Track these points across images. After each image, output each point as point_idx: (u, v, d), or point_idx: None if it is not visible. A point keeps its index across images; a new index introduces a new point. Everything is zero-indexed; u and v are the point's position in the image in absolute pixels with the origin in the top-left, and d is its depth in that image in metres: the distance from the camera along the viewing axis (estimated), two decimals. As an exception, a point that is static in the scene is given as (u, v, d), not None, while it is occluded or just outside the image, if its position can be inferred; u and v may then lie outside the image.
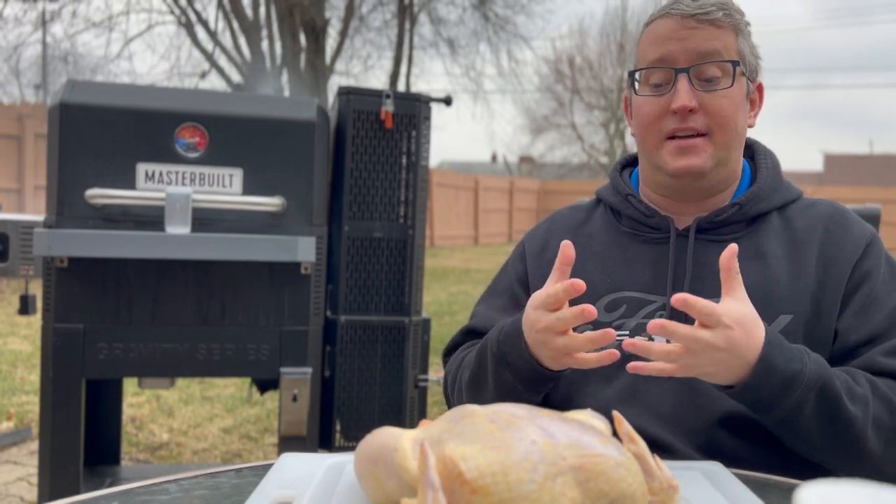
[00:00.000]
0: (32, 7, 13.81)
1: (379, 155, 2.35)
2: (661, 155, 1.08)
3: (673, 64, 1.06)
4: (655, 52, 1.07)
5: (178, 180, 2.12)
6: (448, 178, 18.44)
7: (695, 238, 1.09)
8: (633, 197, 1.15)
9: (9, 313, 6.81)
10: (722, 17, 1.05)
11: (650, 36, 1.09)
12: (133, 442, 3.55)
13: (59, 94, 2.08)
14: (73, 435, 2.08)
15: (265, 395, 2.92)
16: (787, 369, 0.90)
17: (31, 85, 23.62)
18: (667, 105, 1.06)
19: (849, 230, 1.08)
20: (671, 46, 1.05)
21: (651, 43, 1.09)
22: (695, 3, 1.05)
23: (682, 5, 1.06)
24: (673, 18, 1.06)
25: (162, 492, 0.76)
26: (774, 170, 1.14)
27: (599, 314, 1.10)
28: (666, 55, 1.06)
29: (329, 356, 2.37)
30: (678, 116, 1.05)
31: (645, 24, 1.13)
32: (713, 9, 1.05)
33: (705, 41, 1.04)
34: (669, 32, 1.06)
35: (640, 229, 1.14)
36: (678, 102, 1.04)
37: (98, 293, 2.09)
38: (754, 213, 1.09)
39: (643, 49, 1.11)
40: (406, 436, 0.64)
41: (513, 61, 23.83)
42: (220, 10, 13.95)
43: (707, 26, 1.04)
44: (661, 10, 1.09)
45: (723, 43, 1.05)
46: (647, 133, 1.09)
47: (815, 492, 0.46)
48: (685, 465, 0.81)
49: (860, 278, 1.04)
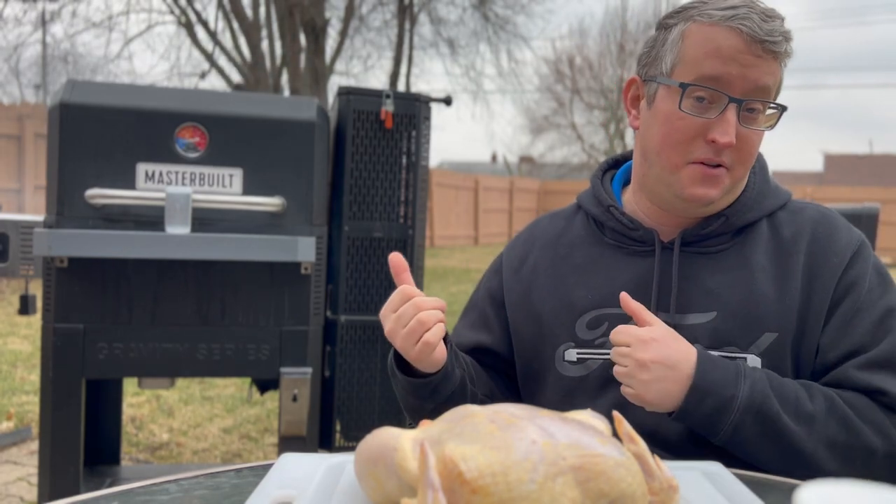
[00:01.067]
0: (32, 7, 13.81)
1: (379, 155, 2.35)
2: (680, 176, 1.00)
3: (727, 88, 0.96)
4: (712, 67, 0.96)
5: (178, 180, 2.12)
6: (448, 178, 18.44)
7: (680, 251, 1.05)
8: (616, 208, 1.10)
9: (9, 313, 6.81)
10: (785, 50, 0.97)
11: (707, 42, 0.97)
12: (133, 442, 3.55)
13: (59, 94, 2.08)
14: (73, 435, 2.08)
15: (265, 395, 2.92)
16: (720, 394, 0.91)
17: (31, 85, 23.63)
18: (704, 129, 0.97)
19: (835, 239, 1.03)
20: (732, 70, 0.95)
21: (709, 53, 0.97)
22: (766, 26, 0.95)
23: (752, 23, 0.94)
24: (741, 37, 0.95)
25: (162, 492, 0.76)
26: (762, 174, 1.09)
27: (581, 332, 1.07)
28: (723, 76, 0.96)
29: (329, 356, 2.37)
30: (714, 147, 0.98)
31: (696, 16, 0.99)
32: (780, 39, 0.96)
33: (764, 75, 0.96)
34: (734, 53, 0.95)
35: (624, 242, 1.09)
36: (725, 137, 0.96)
37: (98, 293, 2.09)
38: (742, 224, 1.05)
39: (693, 52, 0.98)
40: (406, 436, 0.64)
41: (513, 61, 23.90)
42: (220, 10, 13.96)
43: (770, 57, 0.96)
44: (726, 17, 0.96)
45: (774, 78, 0.98)
46: (672, 151, 1.00)
47: (815, 492, 0.46)
48: (685, 465, 0.81)
49: (844, 290, 1.00)
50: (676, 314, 1.03)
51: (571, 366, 1.07)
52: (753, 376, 0.93)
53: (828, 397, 0.95)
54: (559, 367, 1.08)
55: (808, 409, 0.93)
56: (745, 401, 0.91)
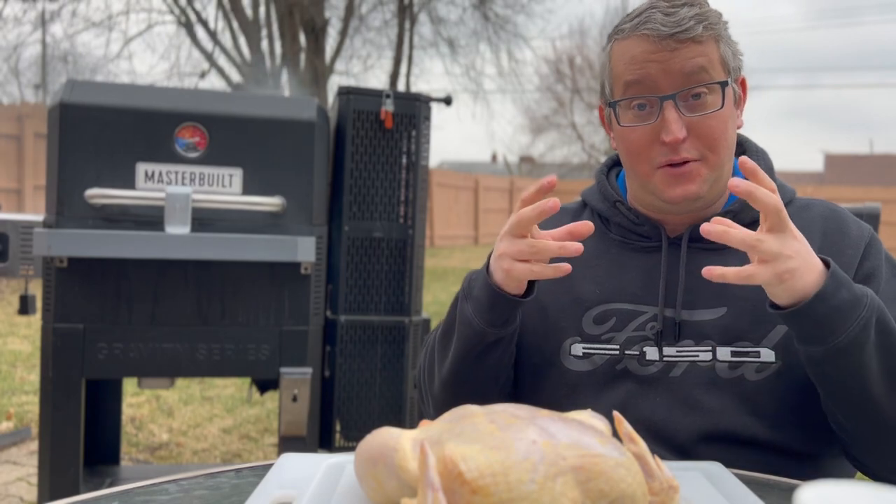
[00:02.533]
0: (32, 7, 13.82)
1: (379, 155, 2.35)
2: (654, 183, 1.01)
3: (655, 89, 0.97)
4: (634, 76, 0.98)
5: (177, 180, 2.12)
6: (448, 178, 18.44)
7: (687, 247, 1.05)
8: (622, 203, 1.10)
9: (9, 313, 6.81)
10: (702, 31, 0.96)
11: (623, 56, 1.00)
12: (133, 442, 3.55)
13: (59, 94, 2.08)
14: (73, 435, 2.08)
15: (265, 395, 2.92)
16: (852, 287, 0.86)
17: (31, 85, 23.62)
18: (655, 134, 0.98)
19: (847, 233, 1.04)
20: (651, 69, 0.97)
21: (627, 64, 0.99)
22: (670, 19, 0.96)
23: (655, 23, 0.96)
24: (649, 41, 0.96)
25: (162, 492, 0.76)
26: (767, 172, 1.08)
27: (588, 326, 1.06)
28: (645, 78, 0.98)
29: (329, 356, 2.37)
30: (668, 147, 0.98)
31: (612, 36, 1.04)
32: (692, 24, 0.95)
33: (688, 62, 0.96)
34: (646, 55, 0.97)
35: (630, 237, 1.09)
36: (669, 136, 0.96)
37: (98, 293, 2.09)
38: (749, 220, 1.04)
39: (618, 71, 1.01)
40: (406, 436, 0.64)
41: (513, 61, 23.83)
42: (220, 9, 13.97)
43: (688, 44, 0.96)
44: (634, 27, 0.99)
45: (706, 59, 0.97)
46: (637, 162, 1.02)
47: (815, 492, 0.46)
48: (685, 465, 0.81)
49: (863, 280, 1.00)
50: (684, 310, 1.03)
51: (577, 360, 1.06)
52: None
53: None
54: (564, 362, 1.07)
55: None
56: (872, 299, 0.87)
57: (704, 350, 1.00)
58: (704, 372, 1.00)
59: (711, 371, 1.00)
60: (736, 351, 0.99)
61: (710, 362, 1.00)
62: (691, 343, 1.01)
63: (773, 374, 0.98)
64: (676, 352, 1.01)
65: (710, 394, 0.99)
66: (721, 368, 1.00)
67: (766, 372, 0.98)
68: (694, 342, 1.01)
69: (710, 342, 1.00)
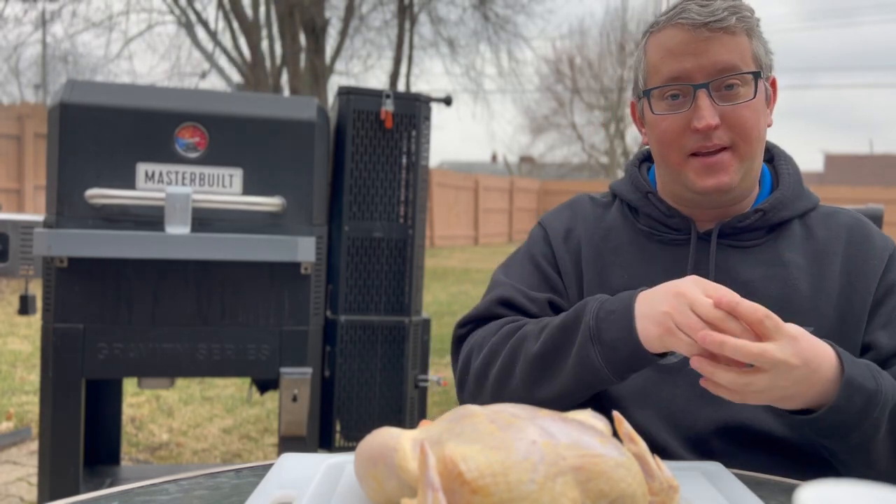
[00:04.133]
0: (32, 7, 13.82)
1: (379, 155, 2.35)
2: (686, 173, 1.03)
3: (688, 79, 1.01)
4: (670, 68, 1.02)
5: (178, 180, 2.12)
6: (448, 178, 18.44)
7: (717, 243, 1.06)
8: (654, 195, 1.11)
9: (9, 313, 6.81)
10: (735, 22, 0.99)
11: (660, 48, 1.03)
12: (133, 442, 3.55)
13: (59, 94, 2.08)
14: (73, 435, 2.08)
15: (265, 395, 2.92)
16: (866, 387, 0.85)
17: (31, 85, 23.63)
18: (687, 122, 1.01)
19: (872, 242, 1.07)
20: (687, 63, 1.00)
21: (664, 57, 1.03)
22: (705, 10, 0.99)
23: (692, 13, 1.00)
24: (684, 29, 1.00)
25: (162, 492, 0.76)
26: (796, 176, 1.12)
27: None
28: (682, 72, 1.01)
29: (329, 356, 2.37)
30: (701, 134, 1.00)
31: (649, 31, 1.08)
32: (725, 14, 0.99)
33: (722, 52, 0.99)
34: (683, 47, 1.00)
35: (659, 229, 1.11)
36: (702, 122, 0.99)
37: (98, 293, 2.09)
38: (777, 221, 1.07)
39: (654, 62, 1.04)
40: (406, 436, 0.64)
41: (513, 61, 23.88)
42: (220, 10, 13.97)
43: (721, 35, 0.99)
44: (669, 18, 1.03)
45: (739, 51, 1.00)
46: (669, 150, 1.04)
47: (815, 492, 0.46)
48: (685, 465, 0.81)
49: (886, 290, 1.03)
50: None
51: None
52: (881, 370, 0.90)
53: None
54: None
55: None
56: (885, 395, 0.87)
57: None
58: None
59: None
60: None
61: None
62: None
63: None
64: None
65: None
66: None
67: None
68: None
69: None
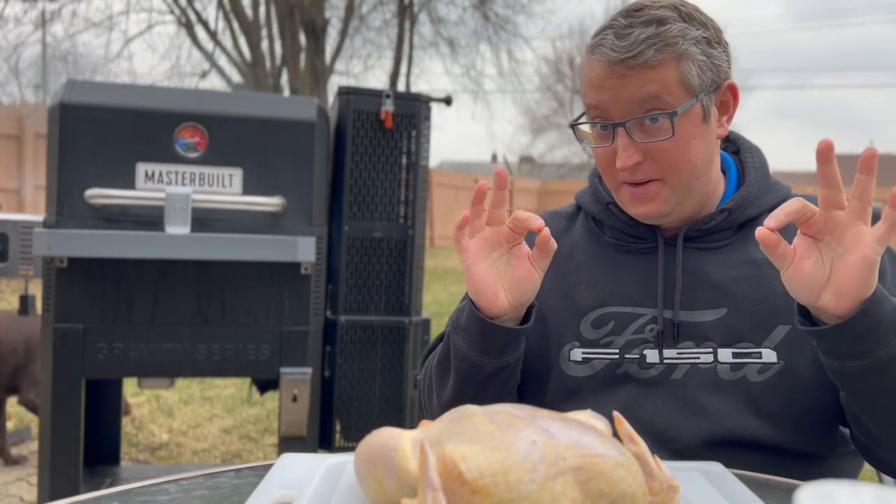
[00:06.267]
0: (32, 7, 13.82)
1: (379, 155, 2.35)
2: (621, 199, 1.03)
3: (607, 115, 0.97)
4: (591, 99, 0.99)
5: (177, 180, 2.12)
6: (448, 178, 18.44)
7: (683, 247, 1.04)
8: (615, 206, 1.08)
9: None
10: (654, 54, 0.93)
11: (585, 76, 1.00)
12: (133, 442, 3.55)
13: (59, 94, 2.08)
14: (73, 435, 2.09)
15: (265, 395, 2.92)
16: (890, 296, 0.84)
17: (31, 85, 23.62)
18: (612, 155, 0.99)
19: None
20: (603, 97, 0.96)
21: (585, 87, 1.00)
22: (620, 44, 0.94)
23: (606, 47, 0.94)
24: (601, 65, 0.95)
25: (162, 492, 0.76)
26: (762, 169, 1.08)
27: (586, 331, 1.05)
28: (599, 105, 0.97)
29: (329, 356, 2.37)
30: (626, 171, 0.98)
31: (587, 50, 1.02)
32: (643, 47, 0.93)
33: (637, 88, 0.94)
34: (599, 81, 0.96)
35: (624, 239, 1.08)
36: (619, 162, 0.97)
37: (98, 293, 2.09)
38: (744, 219, 1.04)
39: (583, 87, 1.02)
40: (406, 436, 0.63)
41: (513, 61, 23.87)
42: (220, 10, 13.98)
43: (639, 70, 0.93)
44: (590, 48, 0.98)
45: (660, 84, 0.94)
46: (605, 176, 1.04)
47: (815, 492, 0.46)
48: (685, 465, 0.81)
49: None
50: (682, 311, 1.02)
51: (577, 365, 1.06)
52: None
53: None
54: (564, 367, 1.07)
55: None
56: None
57: (705, 352, 1.00)
58: (706, 374, 0.99)
59: (713, 373, 0.99)
60: (737, 352, 0.99)
61: (712, 364, 0.99)
62: (692, 345, 1.00)
63: (776, 374, 0.97)
64: (677, 354, 1.00)
65: (712, 396, 0.98)
66: (723, 370, 0.99)
67: (769, 373, 0.98)
68: (694, 344, 1.00)
69: (710, 344, 0.99)
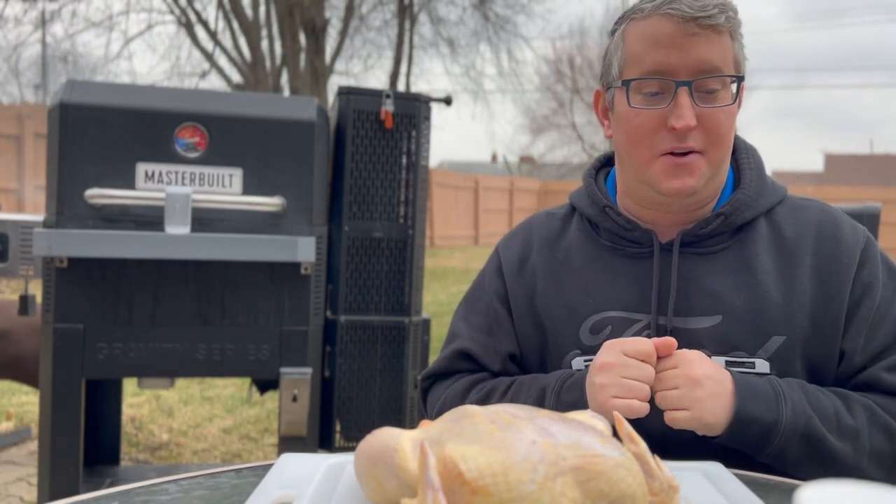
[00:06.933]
0: (32, 7, 13.81)
1: (379, 155, 2.35)
2: (654, 172, 0.99)
3: (672, 75, 0.96)
4: (652, 59, 0.97)
5: (177, 180, 2.12)
6: (448, 178, 18.44)
7: (679, 252, 1.03)
8: (612, 209, 1.07)
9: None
10: (724, 21, 0.95)
11: (644, 37, 0.98)
12: (133, 442, 3.55)
13: (59, 94, 2.08)
14: (73, 435, 2.08)
15: (265, 395, 2.92)
16: (763, 420, 0.89)
17: (31, 85, 23.61)
18: (662, 119, 0.97)
19: (842, 239, 1.01)
20: (672, 57, 0.95)
21: (647, 45, 0.97)
22: (696, 3, 0.94)
23: (682, 5, 0.94)
24: (672, 21, 0.95)
25: (162, 492, 0.76)
26: (758, 171, 1.07)
27: (585, 338, 1.05)
28: (665, 66, 0.96)
29: (329, 356, 2.37)
30: (676, 134, 0.96)
31: (630, 16, 1.01)
32: (715, 11, 0.94)
33: (707, 51, 0.95)
34: (669, 39, 0.95)
35: (620, 243, 1.07)
36: (680, 122, 0.95)
37: (98, 293, 2.09)
38: (740, 223, 1.03)
39: (635, 51, 0.99)
40: (406, 436, 0.63)
41: (513, 61, 23.86)
42: (220, 10, 13.97)
43: (709, 32, 0.95)
44: (656, 6, 0.97)
45: (722, 52, 0.96)
46: (638, 147, 1.00)
47: (815, 492, 0.46)
48: (685, 465, 0.81)
49: (861, 292, 0.99)
50: (677, 317, 1.01)
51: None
52: (792, 396, 0.92)
53: (866, 407, 0.94)
54: None
55: (850, 424, 0.92)
56: (788, 425, 0.90)
57: None
58: None
59: None
60: (731, 361, 0.98)
61: None
62: None
63: None
64: None
65: None
66: None
67: None
68: None
69: (704, 351, 0.98)
